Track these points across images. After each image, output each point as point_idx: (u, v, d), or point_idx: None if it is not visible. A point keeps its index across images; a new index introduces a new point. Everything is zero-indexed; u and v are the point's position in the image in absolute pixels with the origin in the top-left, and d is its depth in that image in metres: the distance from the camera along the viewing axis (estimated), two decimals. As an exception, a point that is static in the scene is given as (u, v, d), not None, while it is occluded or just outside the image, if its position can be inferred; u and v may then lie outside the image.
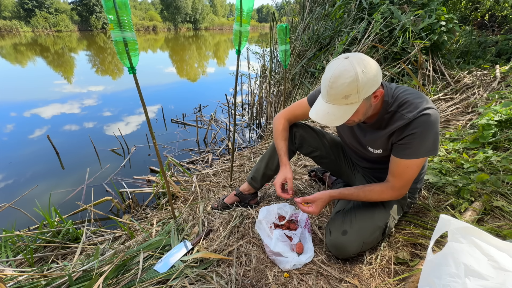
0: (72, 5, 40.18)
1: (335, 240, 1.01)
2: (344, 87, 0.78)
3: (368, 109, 0.88)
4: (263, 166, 1.35)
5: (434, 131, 0.85)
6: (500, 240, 0.61)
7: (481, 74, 3.28)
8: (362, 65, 0.77)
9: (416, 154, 0.88)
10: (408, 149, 0.88)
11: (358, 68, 0.77)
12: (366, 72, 0.77)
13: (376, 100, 0.86)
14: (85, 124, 3.99)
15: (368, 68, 0.78)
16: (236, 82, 1.48)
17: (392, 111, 0.90)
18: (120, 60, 0.97)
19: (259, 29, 55.29)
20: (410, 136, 0.86)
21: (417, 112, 0.85)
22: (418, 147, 0.87)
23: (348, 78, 0.77)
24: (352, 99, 0.80)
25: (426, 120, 0.84)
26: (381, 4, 3.14)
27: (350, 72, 0.77)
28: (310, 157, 1.36)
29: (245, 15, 1.25)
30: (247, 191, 1.42)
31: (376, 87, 0.82)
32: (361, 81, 0.77)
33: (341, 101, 0.81)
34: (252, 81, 4.51)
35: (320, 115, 0.86)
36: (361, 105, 0.83)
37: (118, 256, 1.10)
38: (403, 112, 0.88)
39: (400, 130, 0.89)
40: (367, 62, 0.79)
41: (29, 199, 2.12)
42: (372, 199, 1.00)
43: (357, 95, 0.79)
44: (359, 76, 0.76)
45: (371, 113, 0.92)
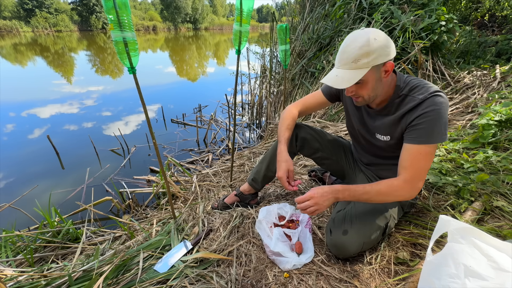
0: (72, 5, 40.18)
1: (335, 240, 1.01)
2: (355, 50, 0.82)
3: (378, 84, 0.89)
4: (264, 168, 1.35)
5: (445, 114, 0.84)
6: (500, 241, 0.61)
7: (481, 74, 3.28)
8: (375, 33, 0.82)
9: (428, 138, 0.85)
10: (420, 131, 0.86)
11: (370, 35, 0.81)
12: (378, 40, 0.81)
13: (386, 76, 0.88)
14: (85, 124, 3.99)
15: (381, 37, 0.82)
16: (236, 82, 1.48)
17: (403, 95, 0.91)
18: (120, 60, 0.97)
19: (259, 29, 55.27)
20: (422, 116, 0.85)
21: (428, 93, 0.85)
22: (430, 129, 0.84)
23: (360, 42, 0.82)
24: (362, 64, 0.83)
25: (438, 100, 0.84)
26: (381, 4, 3.14)
27: (362, 37, 0.82)
28: (312, 158, 1.36)
29: (245, 15, 1.25)
30: (248, 192, 1.42)
31: (387, 59, 0.84)
32: (371, 46, 0.81)
33: (351, 65, 0.84)
34: (252, 81, 4.51)
35: (329, 77, 0.89)
36: (370, 75, 0.85)
37: (118, 256, 1.10)
38: (414, 94, 0.89)
39: (411, 112, 0.88)
40: (380, 33, 0.83)
41: (29, 199, 2.12)
42: (382, 194, 0.89)
43: (367, 59, 0.82)
44: (371, 41, 0.81)
45: (382, 94, 0.93)
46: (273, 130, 3.03)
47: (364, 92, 0.90)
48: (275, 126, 3.05)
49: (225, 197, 1.47)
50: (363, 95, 0.91)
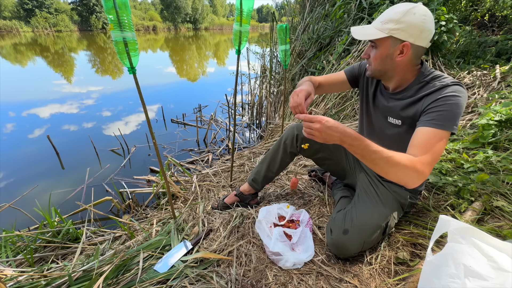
0: (72, 5, 40.18)
1: (336, 239, 1.02)
2: (391, 12, 0.83)
3: (387, 60, 0.88)
4: (264, 168, 1.35)
5: (463, 104, 0.81)
6: (500, 241, 0.61)
7: (481, 74, 3.28)
8: (419, 9, 0.80)
9: (445, 122, 0.80)
10: (437, 114, 0.81)
11: (413, 8, 0.80)
12: (415, 16, 0.80)
13: (400, 57, 0.86)
14: (85, 124, 3.99)
15: (419, 17, 0.80)
16: (236, 82, 1.48)
17: (425, 82, 0.90)
18: (120, 60, 0.97)
19: (259, 29, 55.28)
20: (442, 99, 0.82)
21: (451, 81, 0.85)
22: (448, 115, 0.80)
23: (399, 8, 0.82)
24: (385, 27, 0.83)
25: (460, 89, 0.82)
26: (381, 4, 3.14)
27: (406, 6, 0.81)
28: (313, 159, 1.36)
29: (245, 15, 1.25)
30: (248, 192, 1.42)
31: (410, 38, 0.82)
32: (404, 17, 0.80)
33: (378, 24, 0.85)
34: (252, 81, 4.51)
35: (358, 27, 0.92)
36: (384, 43, 0.85)
37: (118, 256, 1.10)
38: (436, 82, 0.87)
39: (431, 95, 0.85)
40: (424, 14, 0.80)
41: (29, 199, 2.12)
42: (392, 162, 0.77)
43: (392, 25, 0.82)
44: (408, 13, 0.80)
45: (397, 75, 0.92)
46: (273, 130, 3.03)
47: (373, 60, 0.91)
48: (275, 126, 3.05)
49: (225, 197, 1.47)
50: (372, 63, 0.92)
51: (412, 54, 0.86)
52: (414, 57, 0.87)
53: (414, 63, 0.90)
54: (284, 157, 1.33)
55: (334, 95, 3.02)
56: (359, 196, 1.14)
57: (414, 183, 0.79)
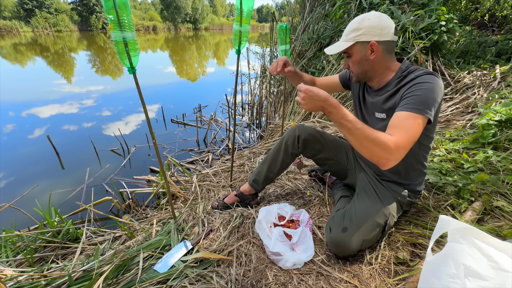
0: (72, 5, 40.19)
1: (335, 238, 1.02)
2: (351, 24, 0.96)
3: (364, 62, 0.98)
4: (265, 169, 1.36)
5: (437, 91, 0.87)
6: (500, 241, 0.61)
7: (481, 74, 3.28)
8: (372, 14, 0.93)
9: (418, 106, 0.84)
10: (410, 99, 0.87)
11: (367, 15, 0.94)
12: (370, 20, 0.92)
13: (372, 56, 0.95)
14: (85, 124, 3.99)
15: (374, 19, 0.92)
16: (236, 82, 1.48)
17: (403, 76, 0.97)
18: (120, 60, 0.97)
19: (259, 29, 55.27)
20: (415, 85, 0.89)
21: (424, 71, 0.92)
22: (421, 99, 0.85)
23: (356, 19, 0.96)
24: (350, 37, 0.96)
25: (433, 77, 0.89)
26: (381, 4, 3.14)
27: (360, 17, 0.95)
28: (313, 159, 1.36)
29: (245, 15, 1.25)
30: (248, 192, 1.42)
31: (373, 38, 0.92)
32: (361, 24, 0.93)
33: (344, 37, 0.99)
34: (252, 81, 4.51)
35: (330, 46, 1.03)
36: (355, 50, 0.97)
37: (118, 256, 1.10)
38: (411, 74, 0.94)
39: (406, 84, 0.92)
40: (378, 16, 0.93)
41: (29, 199, 2.12)
42: (369, 138, 0.81)
43: (355, 33, 0.94)
44: (363, 19, 0.93)
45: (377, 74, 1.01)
46: (273, 130, 3.03)
47: (353, 67, 1.02)
48: (275, 126, 3.05)
49: (225, 197, 1.47)
50: (352, 69, 1.03)
51: (383, 50, 0.95)
52: (386, 52, 0.96)
53: (388, 58, 0.98)
54: (285, 158, 1.33)
55: (334, 95, 3.02)
56: (358, 195, 1.15)
57: (387, 160, 0.82)
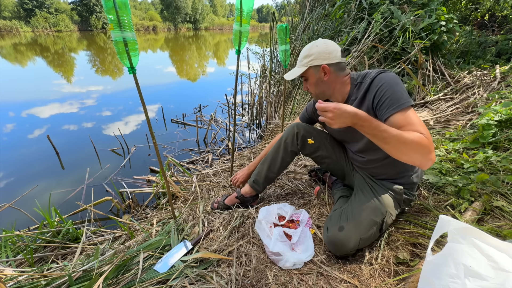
0: (72, 5, 40.19)
1: (332, 237, 1.02)
2: (303, 51, 1.08)
3: (320, 83, 1.07)
4: (265, 169, 1.35)
5: (394, 81, 0.93)
6: (500, 241, 0.61)
7: (481, 74, 3.28)
8: (319, 42, 1.06)
9: (398, 102, 0.88)
10: (386, 103, 0.91)
11: (314, 43, 1.06)
12: (318, 47, 1.04)
13: (326, 77, 1.05)
14: (85, 124, 3.99)
15: (321, 46, 1.04)
16: (236, 82, 1.48)
17: (358, 83, 1.05)
18: (120, 60, 0.97)
19: (259, 29, 55.29)
20: (378, 93, 0.94)
21: (375, 73, 0.99)
22: (394, 96, 0.90)
23: (307, 46, 1.08)
24: (303, 63, 1.07)
25: (384, 75, 0.96)
26: (381, 4, 3.14)
27: (309, 45, 1.08)
28: (312, 158, 1.37)
29: (245, 15, 1.25)
30: (249, 194, 1.41)
31: (324, 61, 1.03)
32: (311, 50, 1.05)
33: (299, 63, 1.10)
34: (252, 81, 4.51)
35: (288, 72, 1.14)
36: (310, 73, 1.08)
37: (118, 256, 1.10)
38: (366, 79, 1.02)
39: (368, 93, 0.99)
40: (324, 42, 1.05)
41: (29, 199, 2.12)
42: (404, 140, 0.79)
43: (307, 59, 1.06)
44: (312, 47, 1.06)
45: (336, 92, 1.09)
46: (273, 130, 3.03)
47: (310, 88, 1.12)
48: (275, 126, 3.06)
49: (226, 197, 1.47)
50: (311, 90, 1.13)
51: (334, 70, 1.05)
52: (338, 71, 1.05)
53: (341, 76, 1.07)
54: (285, 156, 1.33)
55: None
56: (355, 195, 1.15)
57: (427, 157, 0.80)
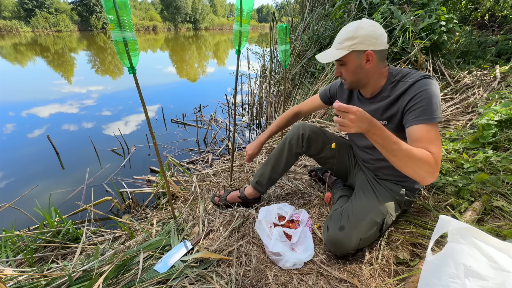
0: (72, 5, 40.19)
1: (332, 236, 1.02)
2: (344, 33, 0.95)
3: (359, 70, 0.97)
4: (269, 170, 1.33)
5: (436, 93, 0.87)
6: (500, 241, 0.61)
7: (481, 74, 3.28)
8: (365, 23, 0.92)
9: (428, 115, 0.85)
10: (418, 111, 0.87)
11: (361, 23, 0.92)
12: (365, 29, 0.91)
13: (368, 65, 0.95)
14: (85, 124, 3.99)
15: (369, 27, 0.92)
16: (236, 82, 1.48)
17: (396, 80, 0.98)
18: (120, 60, 0.97)
19: (259, 29, 55.27)
20: (416, 97, 0.89)
21: (419, 76, 0.91)
22: (427, 108, 0.86)
23: (349, 27, 0.94)
24: (344, 46, 0.94)
25: (427, 81, 0.89)
26: (381, 4, 3.14)
27: (354, 24, 0.93)
28: (316, 159, 1.36)
29: (245, 15, 1.25)
30: (252, 196, 1.40)
31: (369, 47, 0.92)
32: (356, 32, 0.92)
33: (337, 45, 0.97)
34: (252, 81, 4.51)
35: (321, 53, 1.02)
36: (351, 58, 0.96)
37: (118, 256, 1.10)
38: (406, 79, 0.95)
39: (405, 94, 0.93)
40: (371, 25, 0.92)
41: (29, 199, 2.12)
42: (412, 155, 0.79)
43: (350, 42, 0.93)
44: (358, 28, 0.92)
45: (370, 82, 1.01)
46: (273, 130, 3.03)
47: (346, 75, 1.01)
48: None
49: (228, 194, 1.45)
50: (346, 77, 1.02)
51: (377, 59, 0.95)
52: (380, 61, 0.97)
53: (381, 66, 0.99)
54: (289, 157, 1.32)
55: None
56: (356, 194, 1.15)
57: (430, 178, 0.82)
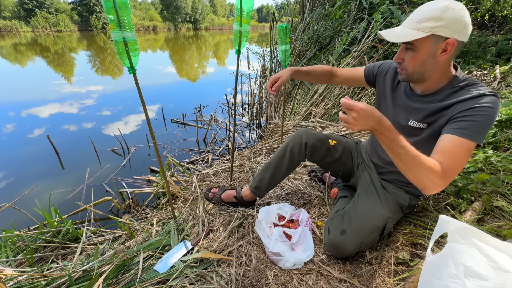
0: (72, 5, 40.18)
1: (333, 240, 1.01)
2: (426, 11, 0.77)
3: (428, 61, 0.82)
4: (269, 176, 1.30)
5: (495, 117, 0.78)
6: (500, 241, 0.61)
7: (481, 74, 3.28)
8: (457, 5, 0.76)
9: (474, 133, 0.76)
10: (467, 123, 0.77)
11: (452, 5, 0.75)
12: (455, 11, 0.75)
13: (442, 55, 0.80)
14: (85, 124, 3.99)
15: (459, 11, 0.75)
16: (236, 82, 1.48)
17: (459, 87, 0.85)
18: (120, 60, 0.97)
19: (259, 29, 55.31)
20: (476, 109, 0.77)
21: (488, 91, 0.79)
22: (479, 125, 0.76)
23: (436, 5, 0.76)
24: (424, 26, 0.77)
25: (495, 100, 0.77)
26: (381, 4, 3.14)
27: (443, 3, 0.76)
28: (320, 164, 1.33)
29: (245, 15, 1.24)
30: (249, 198, 1.38)
31: (452, 35, 0.76)
32: (444, 13, 0.75)
33: (414, 24, 0.79)
34: (252, 81, 4.52)
35: (386, 30, 0.85)
36: (425, 44, 0.79)
37: (118, 256, 1.10)
38: (472, 89, 0.82)
39: (464, 102, 0.80)
40: (462, 8, 0.76)
41: (29, 199, 2.12)
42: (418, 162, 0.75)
43: (432, 23, 0.76)
44: (447, 9, 0.75)
45: (431, 77, 0.87)
46: (273, 130, 3.03)
47: (410, 64, 0.85)
48: (275, 126, 3.05)
49: (223, 191, 1.42)
50: (408, 67, 0.86)
51: (454, 52, 0.80)
52: (453, 55, 0.82)
53: (450, 63, 0.86)
54: (289, 165, 1.28)
55: (334, 94, 3.02)
56: (359, 196, 1.13)
57: (433, 189, 0.77)
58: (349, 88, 2.98)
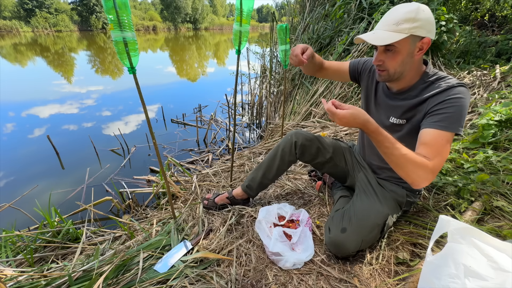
0: (72, 5, 40.20)
1: (334, 238, 1.02)
2: (401, 13, 0.82)
3: (407, 60, 0.87)
4: (260, 175, 1.32)
5: (467, 105, 0.83)
6: (500, 241, 0.61)
7: (481, 74, 3.28)
8: (424, 7, 0.82)
9: (449, 124, 0.82)
10: (442, 116, 0.83)
11: (420, 6, 0.82)
12: (426, 13, 0.82)
13: (419, 54, 0.86)
14: (85, 124, 3.99)
15: (428, 13, 0.82)
16: (236, 82, 1.48)
17: (430, 82, 0.91)
18: (120, 60, 0.97)
19: (259, 29, 55.32)
20: (447, 101, 0.83)
21: (456, 82, 0.85)
22: (452, 116, 0.82)
23: (408, 8, 0.82)
24: (402, 28, 0.82)
25: (464, 90, 0.84)
26: (381, 4, 3.14)
27: (412, 5, 0.82)
28: (311, 164, 1.34)
29: (245, 15, 1.24)
30: (240, 197, 1.40)
31: (427, 34, 0.83)
32: (418, 15, 0.81)
33: (392, 27, 0.83)
34: (252, 81, 4.52)
35: (365, 34, 0.88)
36: (405, 44, 0.84)
37: (118, 256, 1.10)
38: (441, 83, 0.88)
39: (436, 96, 0.87)
40: (428, 9, 0.83)
41: (29, 199, 2.12)
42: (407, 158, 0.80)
43: (410, 24, 0.81)
44: (419, 10, 0.81)
45: (407, 75, 0.92)
46: (273, 130, 3.03)
47: (391, 64, 0.89)
48: (275, 126, 3.05)
49: (216, 196, 1.45)
50: (389, 67, 0.90)
51: (426, 50, 0.86)
52: (425, 53, 0.88)
53: (422, 61, 0.92)
54: (281, 165, 1.30)
55: (333, 94, 3.02)
56: (357, 196, 1.14)
57: (422, 183, 0.82)
58: (349, 88, 2.97)
